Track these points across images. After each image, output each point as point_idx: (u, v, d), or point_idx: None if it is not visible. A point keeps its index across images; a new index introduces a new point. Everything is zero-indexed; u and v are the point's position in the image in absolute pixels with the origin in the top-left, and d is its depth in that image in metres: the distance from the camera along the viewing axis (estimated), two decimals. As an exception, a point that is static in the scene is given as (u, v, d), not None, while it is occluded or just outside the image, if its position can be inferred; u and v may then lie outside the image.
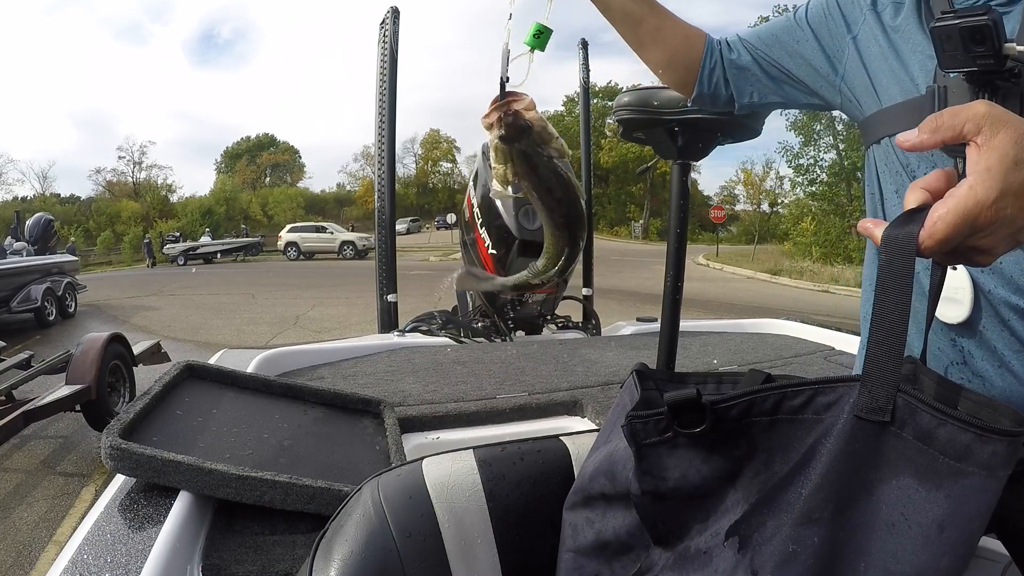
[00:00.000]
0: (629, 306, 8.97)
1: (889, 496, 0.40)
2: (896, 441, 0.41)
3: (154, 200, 34.96)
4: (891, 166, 0.79)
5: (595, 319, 2.88)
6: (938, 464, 0.39)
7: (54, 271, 9.19)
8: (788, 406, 0.45)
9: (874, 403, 0.42)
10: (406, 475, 0.61)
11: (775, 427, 0.46)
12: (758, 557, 0.42)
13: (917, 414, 0.41)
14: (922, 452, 0.40)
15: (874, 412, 0.42)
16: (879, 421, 0.41)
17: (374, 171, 2.61)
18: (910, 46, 0.76)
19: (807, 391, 0.45)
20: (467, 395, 1.44)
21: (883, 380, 0.41)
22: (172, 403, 1.05)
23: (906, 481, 0.40)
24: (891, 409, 0.41)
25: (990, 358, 0.69)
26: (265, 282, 14.55)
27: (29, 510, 3.10)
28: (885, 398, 0.41)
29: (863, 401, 0.42)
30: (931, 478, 0.39)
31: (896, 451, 0.41)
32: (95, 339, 3.84)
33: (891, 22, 0.79)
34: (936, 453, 0.40)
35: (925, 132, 0.47)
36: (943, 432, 0.40)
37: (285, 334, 8.12)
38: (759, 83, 0.90)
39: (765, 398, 0.45)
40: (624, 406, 0.60)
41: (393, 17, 2.44)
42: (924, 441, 0.40)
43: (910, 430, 0.41)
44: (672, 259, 1.48)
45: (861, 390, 0.42)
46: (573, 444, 0.68)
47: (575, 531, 0.59)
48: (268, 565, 0.76)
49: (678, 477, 0.47)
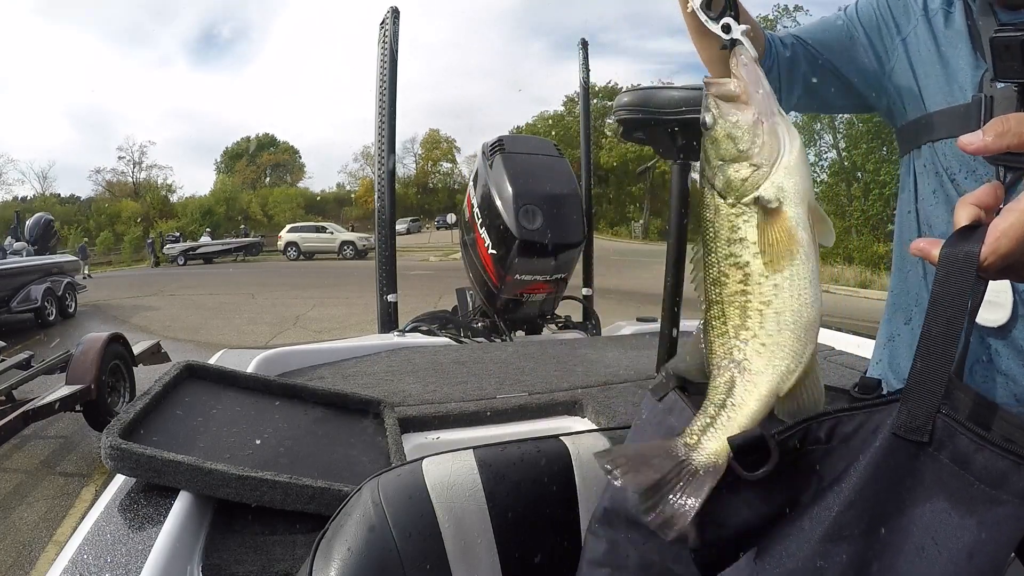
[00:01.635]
0: (629, 306, 8.96)
1: (921, 519, 0.39)
2: (932, 463, 0.40)
3: (154, 200, 34.95)
4: (930, 168, 0.80)
5: (595, 319, 2.88)
6: (972, 490, 0.38)
7: (54, 271, 9.19)
8: (841, 433, 0.44)
9: (913, 422, 0.40)
10: (406, 475, 0.61)
11: (831, 454, 0.44)
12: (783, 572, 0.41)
13: (956, 437, 0.39)
14: (957, 476, 0.39)
15: (912, 432, 0.40)
16: (917, 441, 0.40)
17: (374, 171, 2.61)
18: (958, 54, 0.77)
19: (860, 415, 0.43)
20: (467, 395, 1.44)
21: (924, 399, 0.40)
22: (172, 403, 1.05)
23: (939, 505, 0.39)
24: (930, 430, 0.40)
25: (1016, 357, 0.70)
26: (265, 282, 14.55)
27: (29, 510, 3.10)
28: (924, 418, 0.40)
29: (902, 419, 0.41)
30: (964, 504, 0.38)
31: (931, 473, 0.40)
32: (95, 339, 3.84)
33: (941, 29, 0.80)
34: (972, 478, 0.39)
35: (990, 135, 0.46)
36: (981, 457, 0.39)
37: (285, 334, 8.12)
38: (807, 81, 0.88)
39: (820, 425, 0.44)
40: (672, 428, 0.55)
41: (393, 17, 2.44)
42: (961, 465, 0.39)
43: (947, 453, 0.40)
44: (672, 259, 1.48)
45: (901, 408, 0.41)
46: (573, 444, 0.68)
47: (614, 548, 0.56)
48: (268, 565, 0.76)
49: (739, 522, 0.45)
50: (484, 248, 2.50)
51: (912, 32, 0.82)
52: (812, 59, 0.86)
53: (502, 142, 2.57)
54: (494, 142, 2.58)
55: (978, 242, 0.41)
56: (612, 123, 25.28)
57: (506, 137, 2.65)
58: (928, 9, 0.82)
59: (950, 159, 0.78)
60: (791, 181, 0.45)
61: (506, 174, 2.43)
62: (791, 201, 0.45)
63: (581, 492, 0.65)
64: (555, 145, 2.80)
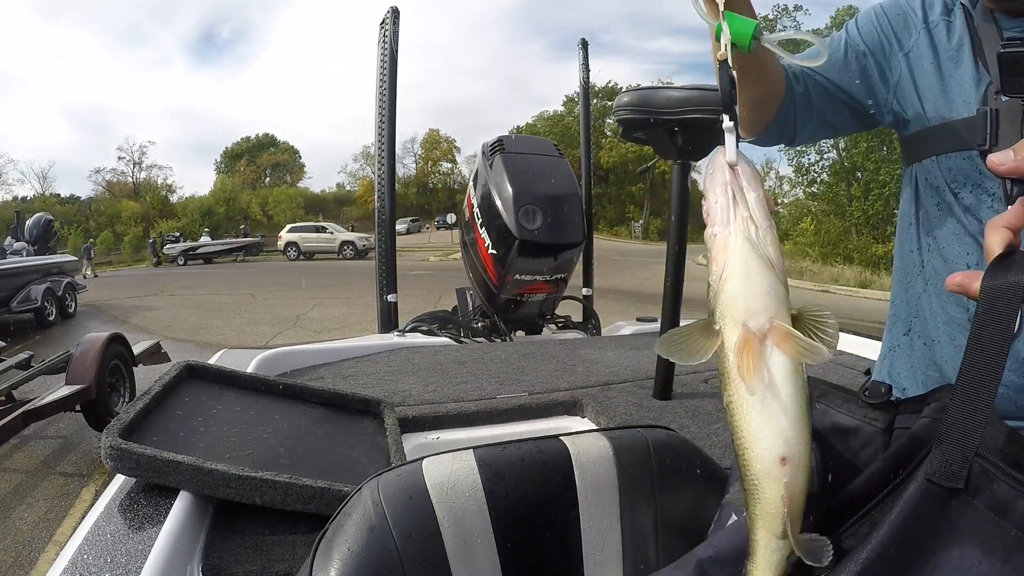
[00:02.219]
0: (629, 306, 8.96)
1: (947, 565, 0.38)
2: (966, 510, 0.38)
3: (154, 200, 34.93)
4: (933, 182, 0.80)
5: (595, 319, 2.88)
6: (1008, 537, 0.37)
7: (54, 271, 9.19)
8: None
9: (948, 467, 0.38)
10: (406, 475, 0.61)
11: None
12: None
13: (994, 483, 0.37)
14: (994, 524, 0.37)
15: (947, 478, 0.38)
16: (951, 487, 0.38)
17: (374, 171, 2.61)
18: (961, 67, 0.77)
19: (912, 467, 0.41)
20: (467, 395, 1.44)
21: (960, 443, 0.38)
22: (172, 403, 1.05)
23: (969, 551, 0.37)
24: (966, 475, 0.38)
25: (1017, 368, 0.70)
26: (265, 282, 14.55)
27: (29, 510, 3.10)
28: (961, 463, 0.38)
29: (936, 465, 0.39)
30: (999, 552, 0.37)
31: (964, 520, 0.38)
32: (95, 339, 3.84)
33: (943, 41, 0.80)
34: (1009, 526, 0.37)
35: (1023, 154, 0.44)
36: (1021, 505, 0.37)
37: (285, 334, 8.12)
38: (821, 115, 0.86)
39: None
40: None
41: (393, 17, 2.44)
42: (999, 513, 0.37)
43: (984, 499, 0.38)
44: (672, 259, 1.48)
45: (935, 452, 0.39)
46: (573, 444, 0.68)
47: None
48: (268, 565, 0.76)
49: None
50: (484, 248, 2.50)
51: (914, 46, 0.82)
52: (823, 91, 0.85)
53: (502, 142, 2.57)
54: (494, 142, 2.58)
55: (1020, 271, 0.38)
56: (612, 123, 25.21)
57: (506, 137, 2.65)
58: (929, 21, 0.82)
59: (954, 172, 0.77)
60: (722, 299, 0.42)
61: (506, 174, 2.43)
62: (724, 322, 0.42)
63: (581, 492, 0.65)
64: (555, 145, 2.80)
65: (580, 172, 3.06)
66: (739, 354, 0.41)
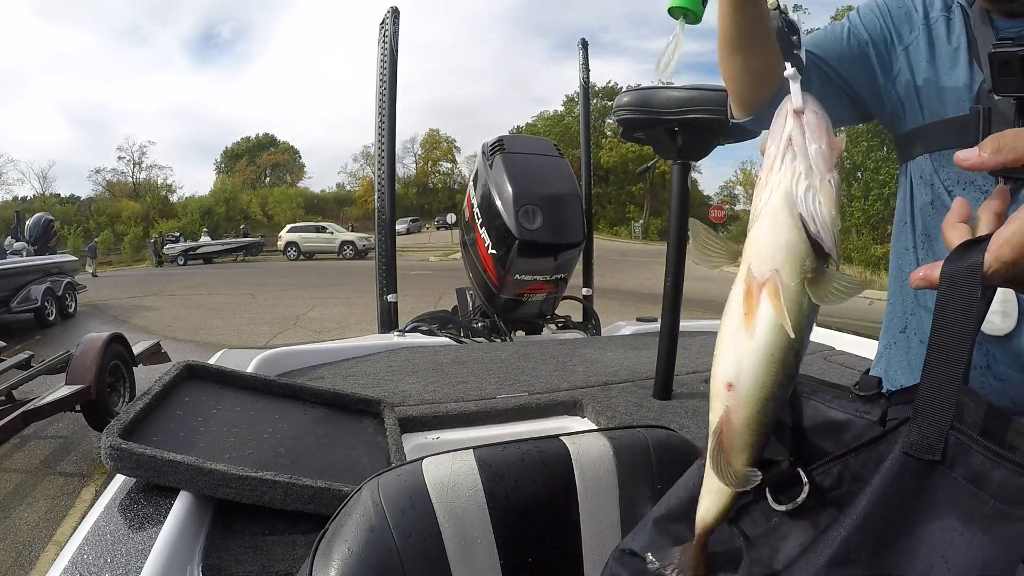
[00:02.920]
0: (629, 306, 8.97)
1: (930, 537, 0.38)
2: (944, 481, 0.39)
3: (154, 200, 34.95)
4: (927, 179, 0.80)
5: (595, 319, 2.88)
6: (987, 508, 0.37)
7: (54, 271, 9.19)
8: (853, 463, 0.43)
9: (924, 440, 0.39)
10: (406, 475, 0.61)
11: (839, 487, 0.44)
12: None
13: (970, 455, 0.38)
14: (971, 494, 0.38)
15: (924, 450, 0.39)
16: (928, 460, 0.39)
17: (374, 171, 2.61)
18: (957, 65, 0.77)
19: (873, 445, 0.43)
20: (467, 395, 1.44)
21: (935, 416, 0.39)
22: (172, 403, 1.05)
23: (950, 523, 0.38)
24: (942, 448, 0.39)
25: (1015, 363, 0.70)
26: (265, 282, 14.55)
27: (29, 510, 3.10)
28: (936, 435, 0.39)
29: (912, 438, 0.40)
30: (977, 522, 0.38)
31: (943, 492, 0.39)
32: (95, 339, 3.84)
33: (942, 38, 0.80)
34: (987, 496, 0.38)
35: (987, 151, 0.46)
36: (996, 475, 0.38)
37: (285, 334, 8.12)
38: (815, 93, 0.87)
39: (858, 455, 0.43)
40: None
41: (393, 17, 2.44)
42: (975, 483, 0.38)
43: (961, 470, 0.39)
44: (672, 259, 1.48)
45: (911, 426, 0.40)
46: (573, 444, 0.68)
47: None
48: (268, 565, 0.76)
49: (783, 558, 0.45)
50: (484, 248, 2.50)
51: (913, 42, 0.82)
52: (824, 77, 0.85)
53: (502, 142, 2.57)
54: (494, 142, 2.58)
55: (980, 253, 0.41)
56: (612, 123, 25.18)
57: (506, 137, 2.65)
58: (929, 18, 0.82)
59: (947, 170, 0.78)
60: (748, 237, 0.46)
61: (506, 174, 2.43)
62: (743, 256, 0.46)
63: (581, 492, 0.65)
64: (555, 145, 2.80)
65: (580, 172, 3.06)
66: (735, 286, 0.45)
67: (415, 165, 43.07)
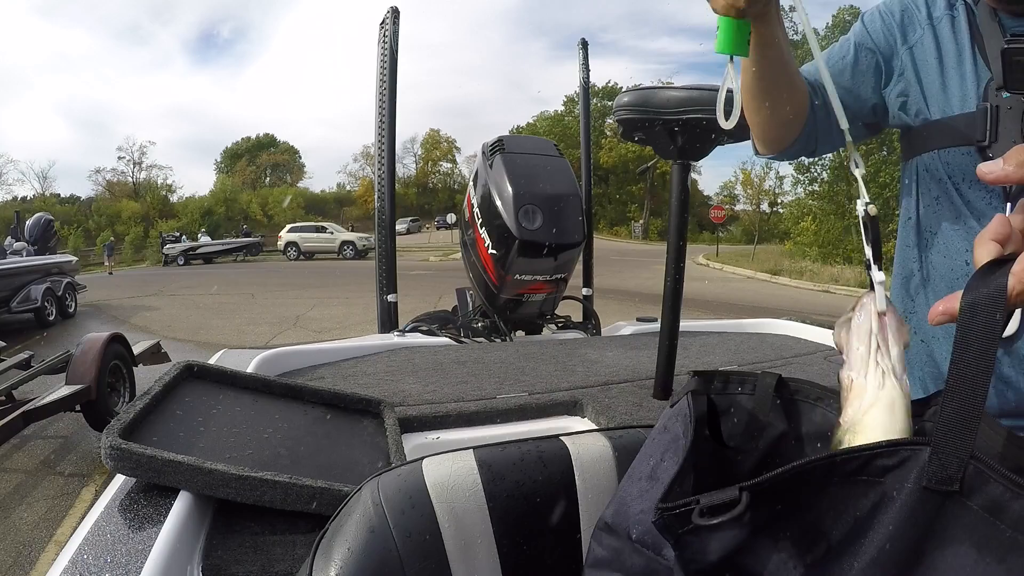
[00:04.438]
0: (629, 306, 8.97)
1: (942, 565, 0.38)
2: (960, 511, 0.38)
3: (154, 200, 34.95)
4: (934, 176, 0.80)
5: (595, 319, 2.88)
6: (1004, 538, 0.37)
7: (54, 271, 9.19)
8: (841, 471, 0.41)
9: (944, 472, 0.38)
10: (406, 475, 0.61)
11: (826, 490, 0.42)
12: None
13: (988, 484, 0.37)
14: (987, 523, 0.37)
15: (943, 482, 0.38)
16: (946, 491, 0.38)
17: (374, 171, 2.61)
18: (963, 62, 0.77)
19: (863, 457, 0.41)
20: (467, 395, 1.44)
21: (954, 448, 0.38)
22: (172, 403, 1.05)
23: (964, 551, 0.37)
24: (960, 478, 0.38)
25: (1018, 365, 0.71)
26: (265, 282, 14.55)
27: (29, 510, 3.10)
28: (956, 467, 0.38)
29: (932, 470, 0.38)
30: (993, 552, 0.37)
31: (958, 521, 0.38)
32: (95, 339, 3.84)
33: (947, 36, 0.80)
34: (1004, 527, 0.37)
35: (1011, 165, 0.44)
36: (1015, 506, 0.37)
37: (285, 334, 8.12)
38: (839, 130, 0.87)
39: (813, 470, 0.41)
40: (676, 437, 0.55)
41: (393, 17, 2.44)
42: (993, 514, 0.37)
43: (978, 500, 0.38)
44: (672, 259, 1.47)
45: (932, 458, 0.39)
46: (573, 444, 0.68)
47: (618, 555, 0.56)
48: (268, 565, 0.76)
49: (721, 554, 0.43)
50: (484, 248, 2.50)
51: (918, 41, 0.82)
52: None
53: (502, 142, 2.57)
54: (494, 142, 2.58)
55: (1004, 275, 0.39)
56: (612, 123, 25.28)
57: (506, 137, 2.65)
58: (933, 17, 0.82)
59: (953, 167, 0.78)
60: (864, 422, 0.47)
61: (506, 174, 2.43)
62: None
63: (581, 492, 0.65)
64: (555, 145, 2.80)
65: (580, 172, 3.06)
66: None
67: (415, 165, 43.04)
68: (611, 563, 0.56)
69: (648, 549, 0.52)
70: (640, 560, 0.53)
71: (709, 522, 0.41)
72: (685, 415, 0.55)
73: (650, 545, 0.52)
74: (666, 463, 0.54)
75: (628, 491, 0.58)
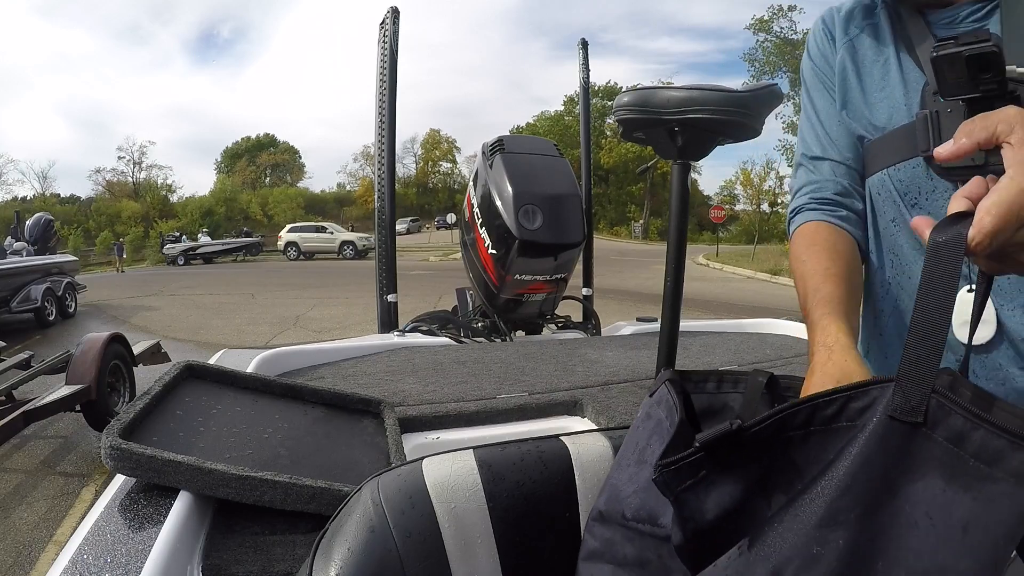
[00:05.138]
0: (629, 306, 8.97)
1: (914, 496, 0.40)
2: (926, 443, 0.40)
3: (154, 200, 34.95)
4: (887, 196, 0.77)
5: (595, 319, 2.87)
6: (967, 467, 0.39)
7: (54, 271, 9.19)
8: (821, 416, 0.44)
9: (908, 403, 0.41)
10: (406, 475, 0.61)
11: (808, 439, 0.45)
12: (779, 560, 0.41)
13: (950, 416, 0.40)
14: (952, 454, 0.39)
15: (907, 413, 0.41)
16: (911, 422, 0.41)
17: (374, 171, 2.61)
18: (891, 73, 0.75)
19: (840, 399, 0.44)
20: (467, 395, 1.44)
21: (918, 381, 0.41)
22: (172, 403, 1.05)
23: (933, 482, 0.40)
24: (924, 410, 0.40)
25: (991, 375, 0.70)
26: (265, 282, 14.55)
27: (29, 510, 3.10)
28: (919, 399, 0.41)
29: (897, 401, 0.41)
30: (959, 480, 0.39)
31: (925, 452, 0.40)
32: (95, 339, 3.84)
33: (869, 51, 0.78)
34: (967, 456, 0.39)
35: (961, 137, 0.47)
36: (976, 436, 0.39)
37: (285, 334, 8.12)
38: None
39: (796, 413, 0.44)
40: (660, 421, 0.57)
41: (393, 17, 2.44)
42: (955, 444, 0.39)
43: (942, 432, 0.40)
44: (672, 259, 1.47)
45: (895, 390, 0.42)
46: (573, 444, 0.68)
47: (610, 545, 0.57)
48: (268, 565, 0.76)
49: (717, 512, 0.46)
50: (484, 248, 2.50)
51: (840, 65, 0.80)
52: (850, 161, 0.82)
53: (502, 142, 2.57)
54: (494, 142, 2.58)
55: (966, 224, 0.43)
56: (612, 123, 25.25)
57: (506, 137, 2.65)
58: (849, 34, 0.79)
59: (906, 184, 0.75)
60: None
61: (506, 174, 2.42)
62: None
63: (581, 492, 0.65)
64: (555, 145, 2.80)
65: (580, 172, 3.05)
66: None
67: (415, 165, 43.02)
68: (603, 554, 0.57)
69: (644, 523, 0.53)
70: (632, 550, 0.54)
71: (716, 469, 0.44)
72: (667, 401, 0.57)
73: (645, 519, 0.53)
74: (653, 446, 0.56)
75: (618, 478, 0.59)
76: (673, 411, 0.55)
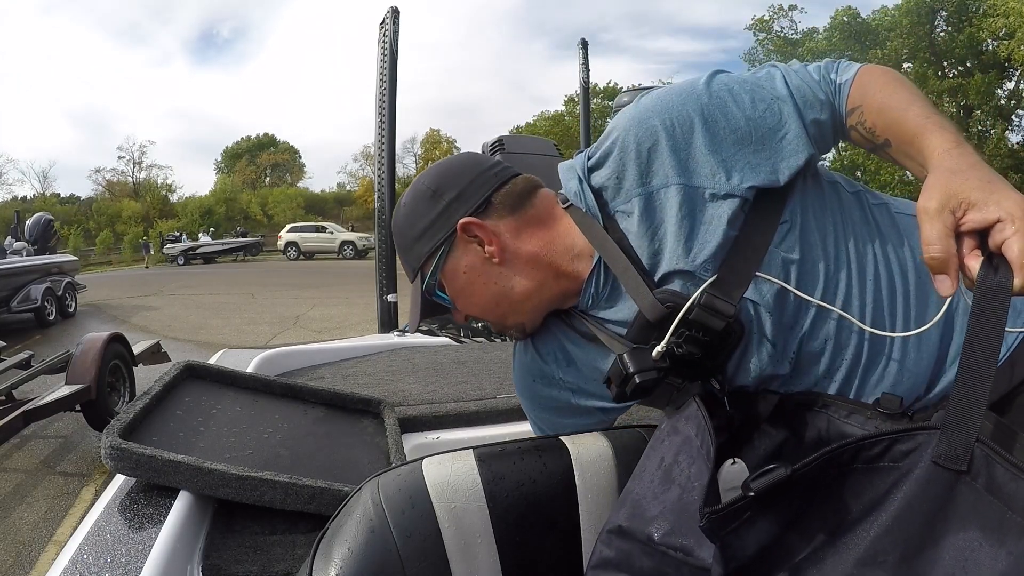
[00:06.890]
0: (629, 306, 8.95)
1: (953, 546, 0.40)
2: (967, 491, 0.41)
3: (154, 200, 34.94)
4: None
5: (595, 319, 2.87)
6: (1006, 519, 0.39)
7: (54, 271, 9.18)
8: (866, 455, 0.44)
9: (952, 451, 0.41)
10: (406, 475, 0.61)
11: (849, 476, 0.45)
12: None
13: (993, 466, 0.40)
14: (991, 505, 0.40)
15: (951, 460, 0.41)
16: (955, 470, 0.41)
17: (374, 171, 2.61)
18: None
19: (885, 440, 0.44)
20: (467, 395, 1.44)
21: (963, 429, 0.41)
22: (172, 403, 1.05)
23: (971, 534, 0.40)
24: (968, 459, 0.40)
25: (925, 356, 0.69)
26: (265, 282, 14.55)
27: (29, 510, 3.10)
28: (964, 447, 0.41)
29: (942, 449, 0.41)
30: (996, 533, 0.39)
31: (966, 501, 0.40)
32: (95, 339, 3.83)
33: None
34: (1005, 508, 0.39)
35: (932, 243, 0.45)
36: (1015, 488, 0.39)
37: (285, 334, 8.12)
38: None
39: (843, 452, 0.44)
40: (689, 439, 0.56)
41: (393, 17, 2.44)
42: (996, 494, 0.40)
43: (983, 481, 0.40)
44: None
45: (941, 438, 0.42)
46: (573, 444, 0.68)
47: (627, 557, 0.57)
48: (268, 565, 0.76)
49: (756, 548, 0.46)
50: (484, 248, 2.50)
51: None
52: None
53: (502, 142, 2.57)
54: (494, 142, 2.58)
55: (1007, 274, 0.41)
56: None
57: (506, 137, 2.65)
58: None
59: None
60: None
61: (506, 174, 2.42)
62: None
63: (581, 492, 0.65)
64: (555, 145, 2.80)
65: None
66: None
67: (415, 165, 42.98)
68: (619, 564, 0.56)
69: (676, 551, 0.53)
70: (650, 562, 0.54)
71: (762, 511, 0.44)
72: (698, 420, 0.56)
73: (679, 547, 0.53)
74: (682, 465, 0.55)
75: (641, 493, 0.58)
76: (705, 433, 0.54)
